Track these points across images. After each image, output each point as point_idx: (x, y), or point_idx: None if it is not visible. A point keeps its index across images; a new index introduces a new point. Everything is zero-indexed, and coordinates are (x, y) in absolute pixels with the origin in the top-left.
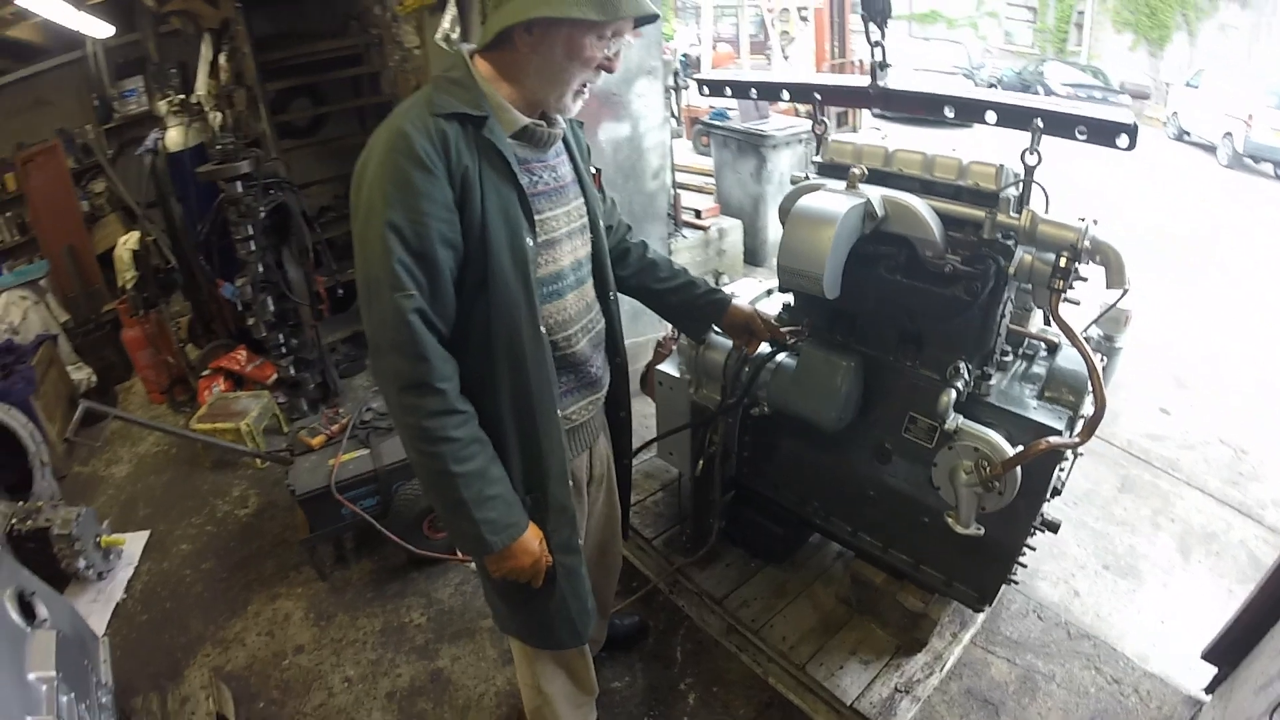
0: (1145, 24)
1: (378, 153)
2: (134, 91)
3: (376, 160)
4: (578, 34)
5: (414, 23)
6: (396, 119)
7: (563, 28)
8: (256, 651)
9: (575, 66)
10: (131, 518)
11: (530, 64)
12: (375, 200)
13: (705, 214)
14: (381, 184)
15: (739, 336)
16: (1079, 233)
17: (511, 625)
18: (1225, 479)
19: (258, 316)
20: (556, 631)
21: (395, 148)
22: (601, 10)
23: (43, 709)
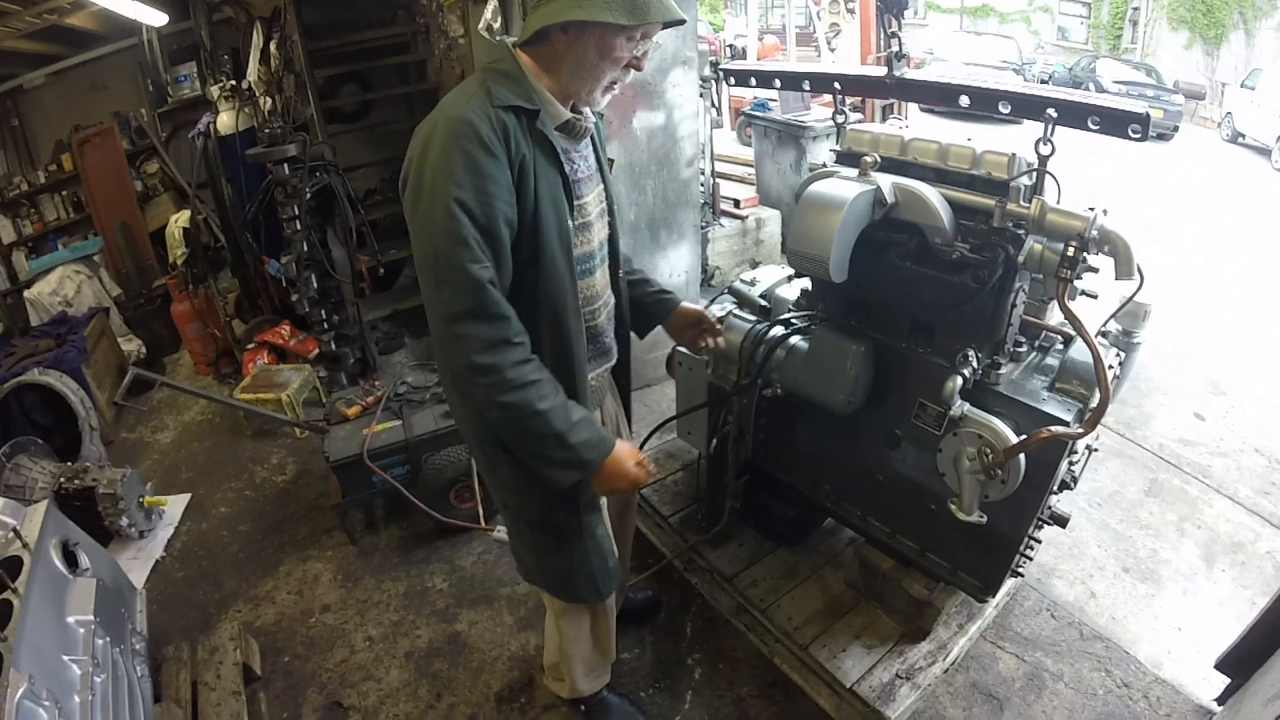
0: (1201, 22)
1: (440, 138)
2: (187, 77)
3: (440, 145)
4: (609, 35)
5: (458, 12)
6: (457, 107)
7: (595, 29)
8: (285, 609)
9: (606, 65)
10: (174, 481)
11: (565, 61)
12: (442, 182)
13: (744, 204)
14: (449, 167)
15: (684, 335)
16: (1087, 222)
17: (538, 576)
18: (1257, 489)
19: (301, 293)
20: (579, 586)
21: (462, 134)
22: (631, 15)
23: (80, 650)
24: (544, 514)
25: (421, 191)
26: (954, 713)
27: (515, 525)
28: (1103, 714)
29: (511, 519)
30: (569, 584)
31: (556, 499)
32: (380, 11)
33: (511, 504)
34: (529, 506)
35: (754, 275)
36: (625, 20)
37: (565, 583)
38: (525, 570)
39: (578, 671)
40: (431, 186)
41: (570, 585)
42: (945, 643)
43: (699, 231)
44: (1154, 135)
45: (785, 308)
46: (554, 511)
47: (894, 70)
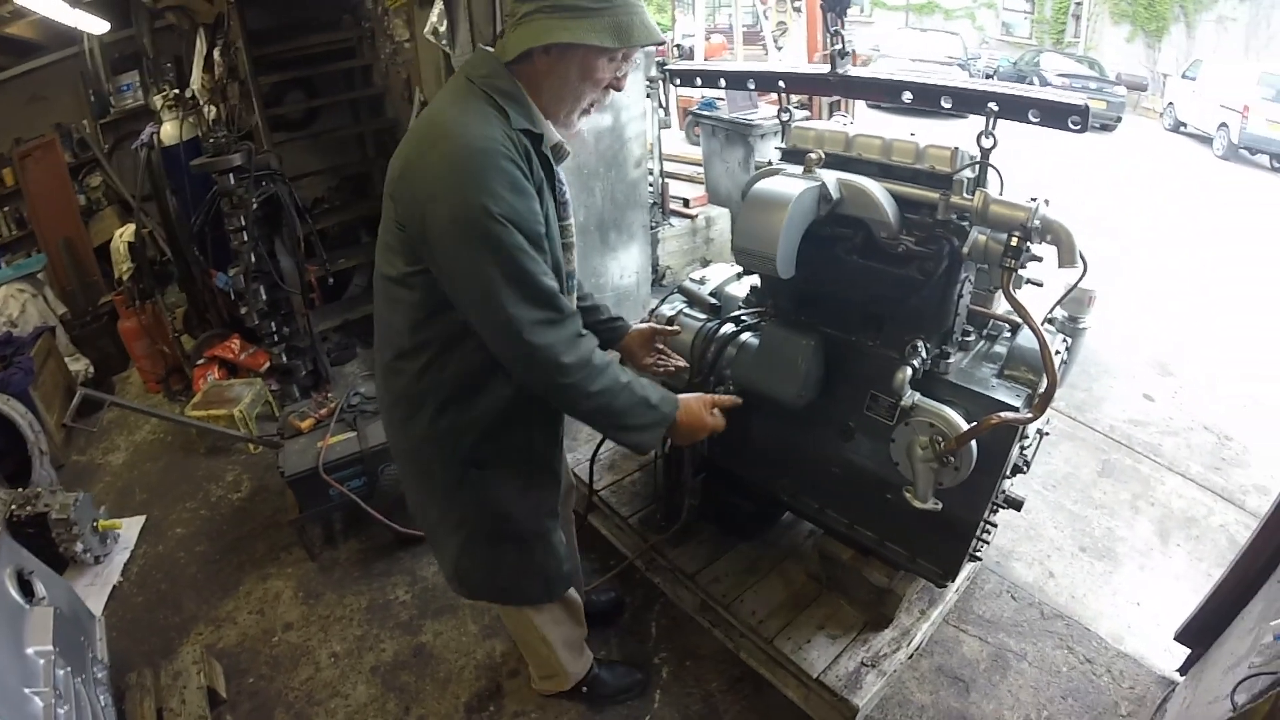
0: (1143, 16)
1: (476, 160)
2: (130, 86)
3: (479, 168)
4: (592, 57)
5: (404, 16)
6: (479, 127)
7: (578, 51)
8: (247, 629)
9: (587, 87)
10: (128, 503)
11: (546, 82)
12: (492, 202)
13: (694, 203)
14: (494, 188)
15: (639, 356)
16: (1029, 212)
17: (486, 590)
18: (1208, 465)
19: (250, 306)
20: (531, 588)
21: (499, 153)
22: (617, 38)
23: (40, 681)
24: (507, 524)
25: (469, 212)
26: (921, 697)
27: (467, 545)
28: (1067, 690)
29: (463, 539)
30: (518, 590)
31: (521, 507)
32: (326, 16)
33: (471, 520)
34: (489, 520)
35: (703, 274)
36: (611, 43)
37: (514, 589)
38: (470, 588)
39: (565, 659)
40: (483, 209)
41: (520, 590)
42: (908, 629)
43: (648, 232)
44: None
45: (735, 305)
46: (518, 520)
47: (837, 68)
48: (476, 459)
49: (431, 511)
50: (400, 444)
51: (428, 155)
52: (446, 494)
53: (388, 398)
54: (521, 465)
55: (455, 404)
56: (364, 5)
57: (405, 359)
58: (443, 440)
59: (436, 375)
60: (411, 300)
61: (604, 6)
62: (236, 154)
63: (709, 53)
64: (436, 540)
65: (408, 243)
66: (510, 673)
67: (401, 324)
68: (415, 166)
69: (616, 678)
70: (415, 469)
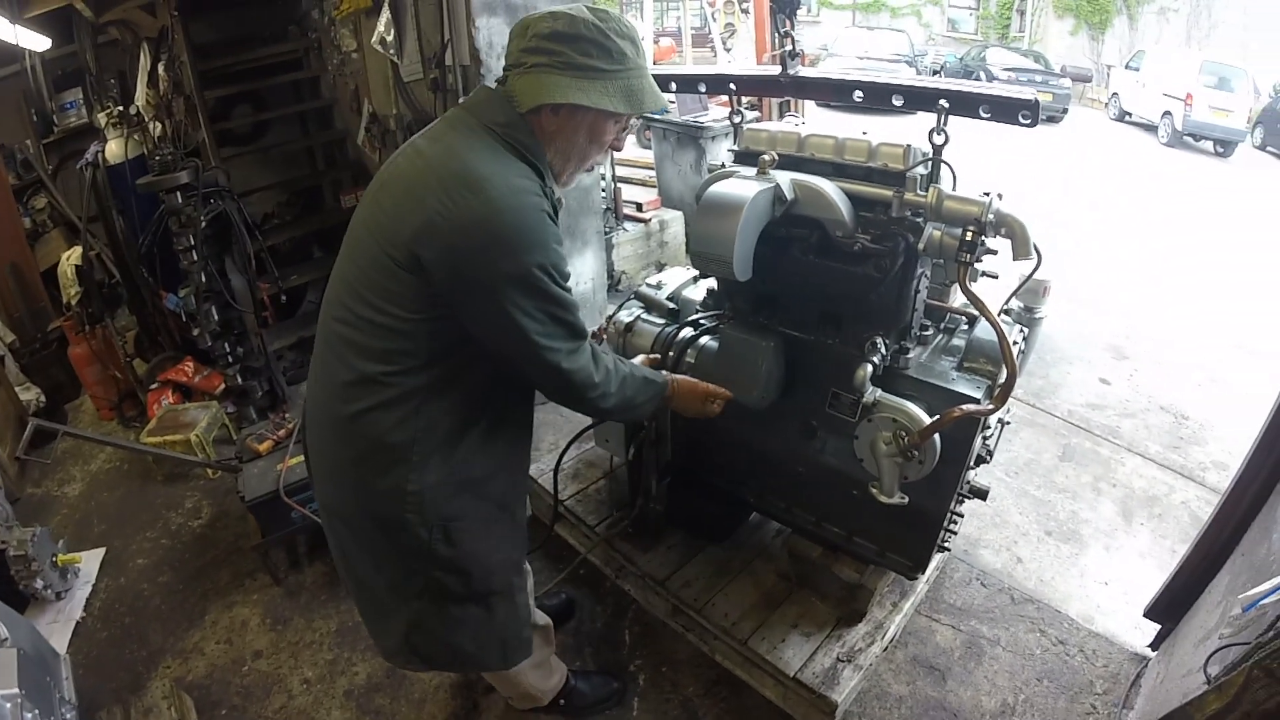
0: (1086, 9)
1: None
2: (74, 104)
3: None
4: (601, 120)
5: (351, 26)
6: (513, 178)
7: (590, 114)
8: (216, 660)
9: (593, 149)
10: (87, 535)
11: (555, 140)
12: (537, 255)
13: (647, 206)
14: (544, 241)
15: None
16: (983, 207)
17: (444, 658)
18: (1166, 444)
19: (202, 327)
20: (486, 656)
21: (541, 209)
22: (629, 104)
23: None
24: (473, 582)
25: (526, 273)
26: (899, 688)
27: (432, 610)
28: (1042, 673)
29: (425, 606)
30: (475, 657)
31: (490, 563)
32: (272, 28)
33: (435, 586)
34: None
35: (660, 278)
36: (623, 109)
37: (470, 657)
38: (423, 657)
39: (534, 680)
40: (537, 264)
41: (477, 658)
42: (881, 622)
43: (603, 238)
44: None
45: (693, 309)
46: (485, 577)
47: (788, 69)
48: (453, 513)
49: (380, 580)
50: (354, 504)
51: (469, 204)
52: (411, 558)
53: (348, 453)
54: (494, 516)
55: (440, 451)
56: (310, 16)
57: (385, 409)
58: (421, 495)
59: (421, 424)
60: (409, 349)
61: (617, 69)
62: (183, 171)
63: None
64: (380, 612)
65: (423, 289)
66: (486, 689)
67: (386, 373)
68: (455, 217)
69: (594, 688)
70: (375, 534)
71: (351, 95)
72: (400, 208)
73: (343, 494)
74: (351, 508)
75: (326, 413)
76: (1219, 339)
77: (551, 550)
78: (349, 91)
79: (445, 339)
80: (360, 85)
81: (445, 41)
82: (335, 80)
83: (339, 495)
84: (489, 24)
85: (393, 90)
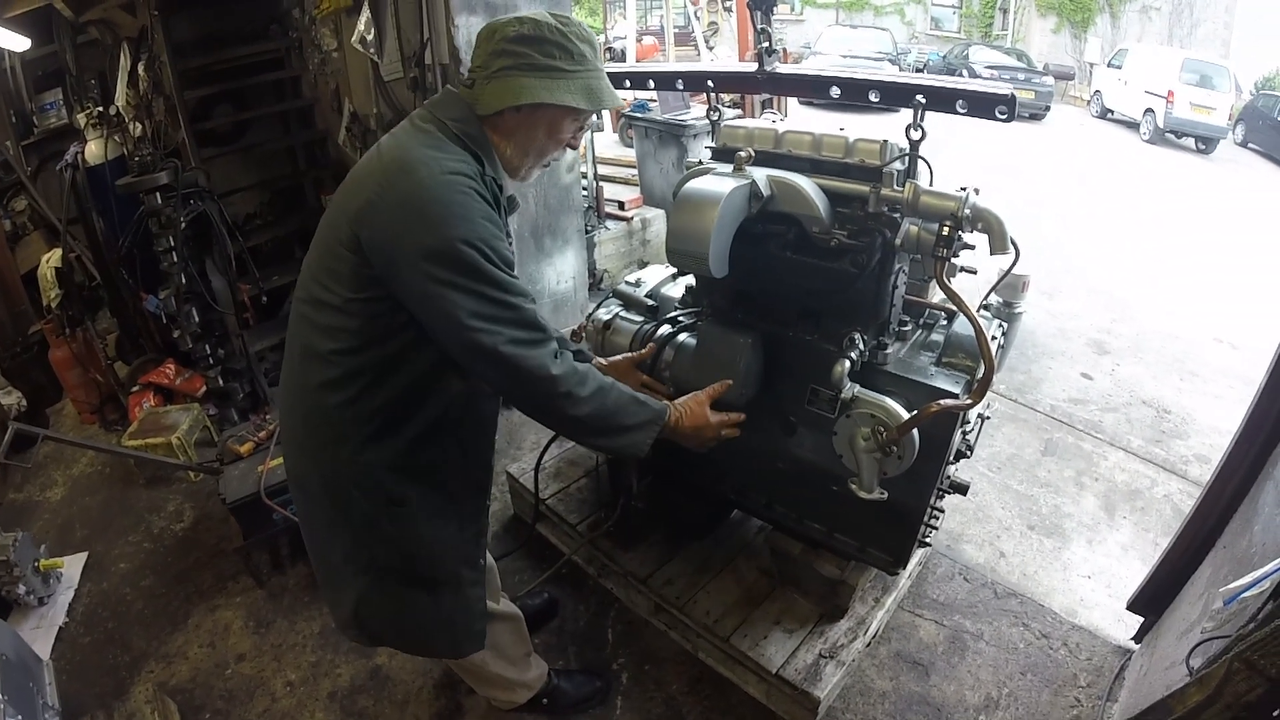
0: (1069, 7)
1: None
2: (53, 105)
3: (455, 196)
4: (560, 117)
5: (331, 25)
6: (451, 162)
7: (550, 110)
8: (199, 664)
9: (550, 145)
10: (69, 540)
11: (514, 137)
12: (473, 234)
13: (629, 205)
14: (475, 218)
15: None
16: (959, 202)
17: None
18: (1148, 438)
19: (183, 329)
20: (434, 641)
21: (469, 185)
22: (590, 101)
23: None
24: (419, 566)
25: (448, 246)
26: (882, 684)
27: (373, 587)
28: (1026, 666)
29: (370, 581)
30: (423, 640)
31: (437, 549)
32: (253, 27)
33: (381, 562)
34: (401, 561)
35: (639, 275)
36: (585, 106)
37: (418, 640)
38: (370, 634)
39: (511, 673)
40: (460, 238)
41: (425, 642)
42: (864, 618)
43: (584, 236)
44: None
45: (672, 306)
46: (432, 562)
47: (765, 66)
48: (398, 495)
49: (335, 551)
50: (310, 475)
51: (400, 185)
52: (359, 531)
53: (303, 427)
54: (443, 505)
55: (383, 435)
56: (291, 15)
57: (332, 388)
58: (365, 473)
59: (366, 405)
60: (349, 327)
61: (578, 70)
62: (163, 172)
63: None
64: (333, 582)
65: (361, 269)
66: (469, 690)
67: (332, 351)
68: (387, 197)
69: (576, 687)
70: (326, 502)
71: (332, 94)
72: (348, 193)
73: (301, 463)
74: (304, 478)
75: (288, 382)
76: (1199, 333)
77: (533, 549)
78: (330, 91)
79: (384, 322)
80: (341, 84)
81: (425, 40)
82: (316, 79)
83: (297, 464)
84: (468, 23)
85: (373, 89)
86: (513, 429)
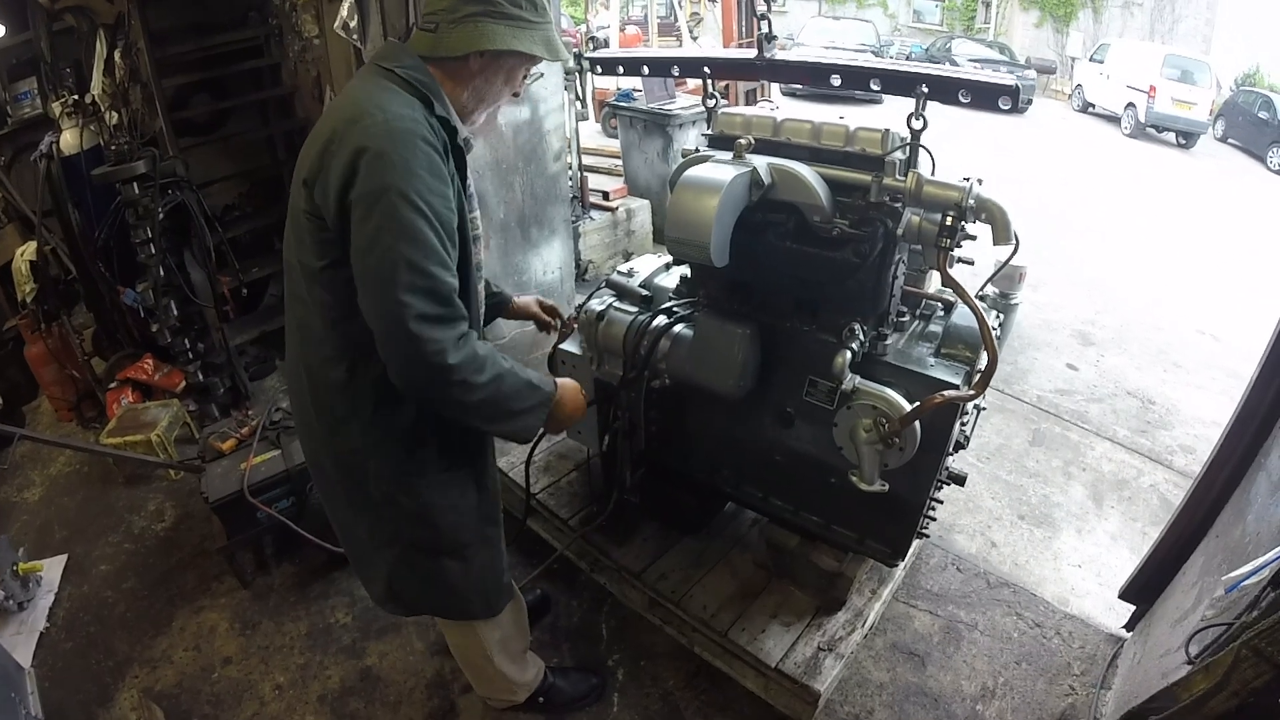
0: (1051, 2)
1: (397, 141)
2: (28, 94)
3: (399, 147)
4: (518, 64)
5: (312, 11)
6: (399, 107)
7: (510, 58)
8: (185, 668)
9: (505, 91)
10: (48, 542)
11: (474, 82)
12: (408, 184)
13: (613, 195)
14: (414, 170)
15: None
16: (963, 192)
17: (426, 604)
18: (1134, 428)
19: (161, 322)
20: (472, 603)
21: (418, 135)
22: (550, 52)
23: None
24: (445, 537)
25: (385, 192)
26: (879, 675)
27: (402, 561)
28: (1020, 655)
29: (397, 555)
30: (459, 605)
31: (459, 517)
32: (230, 14)
33: (405, 537)
34: (425, 534)
35: (631, 265)
36: (547, 56)
37: (454, 604)
38: (406, 605)
39: (509, 671)
40: (399, 188)
41: (460, 605)
42: (861, 610)
43: (570, 226)
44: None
45: (665, 296)
46: (457, 531)
47: (764, 52)
48: (411, 468)
49: (359, 528)
50: (324, 457)
51: (345, 135)
52: (378, 508)
53: (311, 406)
54: (458, 472)
55: (387, 409)
56: (271, 1)
57: (330, 364)
58: (376, 450)
59: (364, 379)
60: (326, 300)
61: (540, 22)
62: (140, 161)
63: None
64: (364, 559)
65: (320, 233)
66: (464, 689)
67: (320, 324)
68: (331, 148)
69: (572, 685)
70: (343, 484)
71: (313, 82)
72: (302, 158)
73: (311, 446)
74: (319, 461)
75: (292, 366)
76: (1182, 325)
77: (524, 545)
78: (311, 79)
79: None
80: (322, 72)
81: (410, 25)
82: (296, 67)
83: (311, 446)
84: None
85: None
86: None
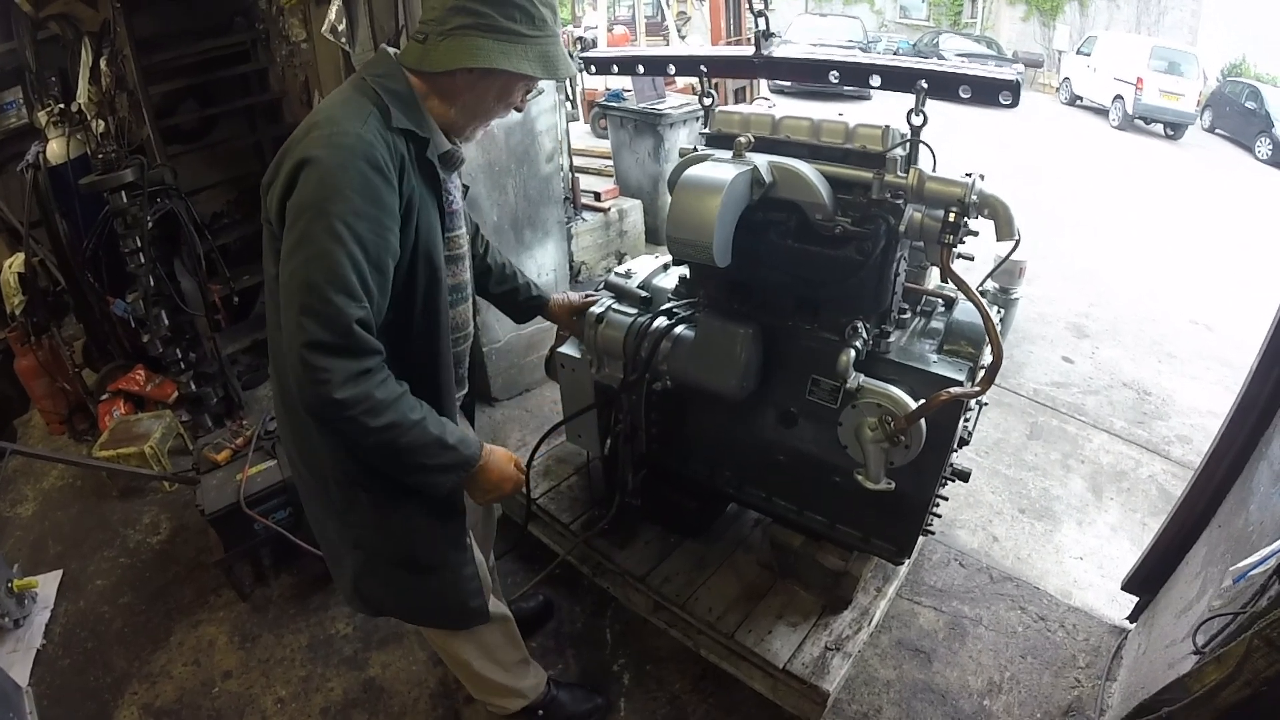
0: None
1: (337, 155)
2: (13, 104)
3: (337, 163)
4: (512, 82)
5: (300, 15)
6: (352, 123)
7: (502, 75)
8: (184, 683)
9: (499, 107)
10: (42, 558)
11: (464, 98)
12: (336, 204)
13: (605, 196)
14: (345, 190)
15: (566, 323)
16: (966, 188)
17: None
18: (1131, 420)
19: (152, 333)
20: (438, 614)
21: (361, 154)
22: (545, 69)
23: None
24: (401, 550)
25: (308, 209)
26: (886, 673)
27: (369, 565)
28: (1025, 649)
29: (364, 559)
30: (426, 612)
31: (415, 536)
32: (218, 19)
33: (367, 543)
34: (389, 543)
35: (629, 267)
36: (540, 75)
37: (421, 611)
38: (373, 606)
39: (506, 680)
40: (322, 206)
41: (428, 613)
42: (867, 608)
43: (563, 228)
44: None
45: (664, 297)
46: (414, 548)
47: (762, 48)
48: (363, 482)
49: (329, 528)
50: (297, 460)
51: (298, 143)
52: (343, 513)
53: (282, 410)
54: (411, 492)
55: None
56: (257, 6)
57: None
58: (332, 455)
59: None
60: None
61: (536, 35)
62: (128, 169)
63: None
64: (334, 558)
65: (273, 240)
66: (467, 699)
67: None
68: (285, 155)
69: (576, 701)
70: (312, 484)
71: (301, 87)
72: (274, 166)
73: (287, 446)
74: (293, 461)
75: (275, 366)
76: (1175, 316)
77: (525, 551)
78: (299, 84)
79: None
80: (310, 76)
81: (400, 27)
82: (284, 72)
83: (288, 447)
84: None
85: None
86: (495, 427)
